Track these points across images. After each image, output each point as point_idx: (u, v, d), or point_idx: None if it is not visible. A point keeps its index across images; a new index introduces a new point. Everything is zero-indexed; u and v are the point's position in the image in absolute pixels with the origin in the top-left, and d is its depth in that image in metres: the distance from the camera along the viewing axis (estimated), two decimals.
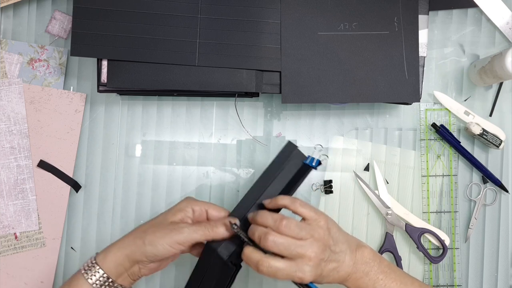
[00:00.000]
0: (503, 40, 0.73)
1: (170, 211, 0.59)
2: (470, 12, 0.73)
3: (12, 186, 0.69)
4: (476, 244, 0.73)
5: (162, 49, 0.64)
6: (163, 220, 0.57)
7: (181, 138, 0.72)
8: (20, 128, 0.69)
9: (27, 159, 0.69)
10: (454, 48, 0.73)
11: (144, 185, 0.72)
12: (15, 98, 0.69)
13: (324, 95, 0.65)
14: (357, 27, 0.65)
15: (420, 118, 0.73)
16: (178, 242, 0.54)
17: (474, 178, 0.73)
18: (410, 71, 0.65)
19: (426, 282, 0.72)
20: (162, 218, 0.58)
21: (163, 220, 0.57)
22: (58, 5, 0.71)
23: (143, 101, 0.72)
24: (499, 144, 0.70)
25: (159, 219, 0.58)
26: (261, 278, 0.72)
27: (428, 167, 0.72)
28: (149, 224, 0.58)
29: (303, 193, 0.72)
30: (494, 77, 0.67)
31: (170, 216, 0.57)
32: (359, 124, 0.73)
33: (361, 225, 0.72)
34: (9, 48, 0.70)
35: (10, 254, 0.69)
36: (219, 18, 0.65)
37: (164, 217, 0.58)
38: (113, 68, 0.64)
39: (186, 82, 0.65)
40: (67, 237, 0.71)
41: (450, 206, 0.72)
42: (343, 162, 0.72)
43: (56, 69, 0.71)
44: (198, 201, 0.59)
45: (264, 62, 0.65)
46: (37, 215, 0.70)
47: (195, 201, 0.59)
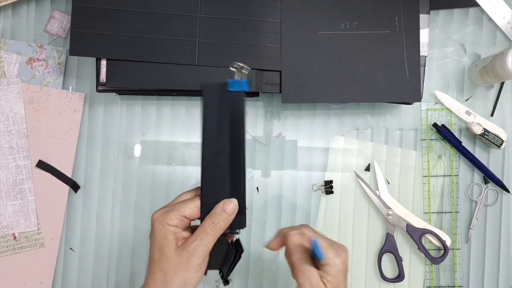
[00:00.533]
0: (504, 39, 0.73)
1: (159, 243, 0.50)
2: (471, 11, 0.73)
3: (11, 187, 0.69)
4: (477, 245, 0.72)
5: (161, 48, 0.64)
6: (166, 258, 0.49)
7: (181, 138, 0.72)
8: (18, 128, 0.69)
9: (26, 159, 0.69)
10: (455, 47, 0.73)
11: (143, 185, 0.71)
12: (13, 98, 0.69)
13: (324, 95, 0.65)
14: (358, 26, 0.65)
15: (421, 118, 0.72)
16: (203, 262, 0.49)
17: (475, 178, 0.73)
18: (411, 70, 0.65)
19: (427, 283, 0.72)
20: (162, 257, 0.49)
21: (165, 257, 0.49)
22: (57, 4, 0.71)
23: (142, 101, 0.72)
24: (500, 144, 0.70)
25: (161, 260, 0.49)
26: (261, 278, 0.71)
27: (429, 167, 0.72)
28: (160, 273, 0.49)
29: (304, 192, 0.72)
30: (496, 77, 0.67)
31: (167, 249, 0.49)
32: (359, 124, 0.72)
33: (361, 226, 0.72)
34: (8, 47, 0.70)
35: (9, 254, 0.69)
36: (219, 17, 0.64)
37: (162, 254, 0.49)
38: (112, 67, 0.64)
39: (185, 81, 0.64)
40: (66, 237, 0.71)
41: (451, 206, 0.72)
42: (344, 162, 0.72)
43: (55, 68, 0.70)
44: (169, 214, 0.50)
45: (264, 62, 0.65)
46: (36, 216, 0.69)
47: (167, 217, 0.50)
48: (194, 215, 0.50)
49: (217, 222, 0.49)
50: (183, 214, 0.50)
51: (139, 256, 0.71)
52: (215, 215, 0.49)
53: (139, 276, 0.71)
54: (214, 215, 0.49)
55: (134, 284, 0.71)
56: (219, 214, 0.49)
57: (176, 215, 0.50)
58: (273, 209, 0.71)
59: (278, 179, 0.72)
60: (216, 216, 0.49)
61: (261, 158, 0.71)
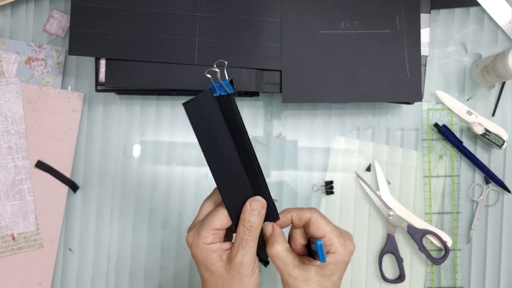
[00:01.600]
0: (506, 39, 0.73)
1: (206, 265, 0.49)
2: (472, 11, 0.73)
3: (10, 187, 0.68)
4: (479, 245, 0.72)
5: (161, 48, 0.63)
6: (218, 277, 0.49)
7: (180, 138, 0.71)
8: (17, 128, 0.69)
9: (25, 159, 0.69)
10: (456, 47, 0.73)
11: (143, 185, 0.71)
12: (12, 97, 0.69)
13: (325, 95, 0.64)
14: (359, 25, 0.65)
15: (422, 118, 0.72)
16: (254, 270, 0.49)
17: (476, 179, 0.72)
18: (412, 70, 0.65)
19: (428, 283, 0.71)
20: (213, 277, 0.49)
21: (217, 277, 0.49)
22: (56, 4, 0.71)
23: (142, 101, 0.71)
24: (501, 144, 0.70)
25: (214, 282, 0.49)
26: (261, 278, 0.71)
27: (430, 168, 0.72)
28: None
29: (305, 193, 0.71)
30: (497, 77, 0.67)
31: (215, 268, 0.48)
32: (360, 124, 0.72)
33: (362, 226, 0.71)
34: (7, 47, 0.69)
35: (8, 255, 0.69)
36: (219, 16, 0.64)
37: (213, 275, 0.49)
38: (111, 67, 0.64)
39: (185, 81, 0.64)
40: (65, 238, 0.70)
41: (452, 207, 0.72)
42: (345, 163, 0.72)
43: (54, 68, 0.70)
44: (202, 234, 0.49)
45: (264, 61, 0.64)
46: (34, 216, 0.69)
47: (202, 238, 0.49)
48: (225, 224, 0.49)
49: (251, 226, 0.48)
50: (214, 227, 0.48)
51: (139, 257, 0.71)
52: (245, 219, 0.48)
53: (138, 277, 0.71)
54: (245, 220, 0.48)
55: (133, 285, 0.71)
56: (249, 216, 0.48)
57: (209, 231, 0.48)
58: None
59: (278, 179, 0.71)
60: (247, 219, 0.48)
61: (261, 158, 0.71)
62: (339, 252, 0.49)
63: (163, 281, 0.71)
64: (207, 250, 0.48)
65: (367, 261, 0.71)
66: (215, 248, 0.48)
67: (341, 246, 0.49)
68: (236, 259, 0.48)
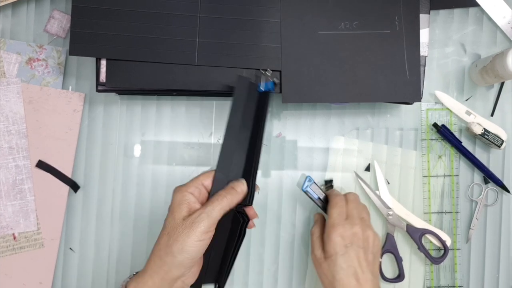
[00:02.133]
0: (505, 39, 0.73)
1: (173, 210, 0.54)
2: (471, 11, 0.73)
3: (11, 187, 0.69)
4: (478, 245, 0.72)
5: (161, 48, 0.64)
6: (174, 223, 0.53)
7: (181, 138, 0.72)
8: (18, 128, 0.69)
9: (26, 159, 0.69)
10: (455, 47, 0.73)
11: (143, 185, 0.71)
12: (13, 97, 0.69)
13: (324, 95, 0.65)
14: (358, 26, 0.65)
15: (421, 118, 0.72)
16: (205, 231, 0.51)
17: (475, 179, 0.73)
18: (411, 70, 0.65)
19: (427, 283, 0.72)
20: (171, 222, 0.53)
21: (174, 223, 0.53)
22: (56, 4, 0.71)
23: (142, 101, 0.72)
24: (500, 144, 0.70)
25: (170, 225, 0.53)
26: (261, 278, 0.71)
27: (429, 167, 0.72)
28: (165, 237, 0.52)
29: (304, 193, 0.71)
30: (496, 77, 0.67)
31: (178, 214, 0.53)
32: (360, 124, 0.72)
33: None
34: (8, 47, 0.70)
35: (9, 255, 0.69)
36: (219, 17, 0.64)
37: (173, 220, 0.53)
38: (112, 67, 0.64)
39: (185, 81, 0.64)
40: (66, 237, 0.71)
41: (452, 206, 0.72)
42: (344, 162, 0.72)
43: (54, 68, 0.70)
44: (189, 184, 0.55)
45: (264, 62, 0.64)
46: (35, 216, 0.69)
47: (186, 186, 0.55)
48: (210, 184, 0.56)
49: (223, 196, 0.54)
50: (201, 182, 0.55)
51: (139, 256, 0.71)
52: (223, 191, 0.55)
53: None
54: (222, 191, 0.55)
55: None
56: (228, 190, 0.55)
57: (194, 183, 0.55)
58: (273, 209, 0.71)
59: (278, 179, 0.72)
60: (225, 192, 0.55)
61: (261, 158, 0.71)
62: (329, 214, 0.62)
63: None
64: (184, 197, 0.54)
65: None
66: (190, 200, 0.54)
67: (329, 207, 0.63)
68: (194, 214, 0.52)
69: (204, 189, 0.56)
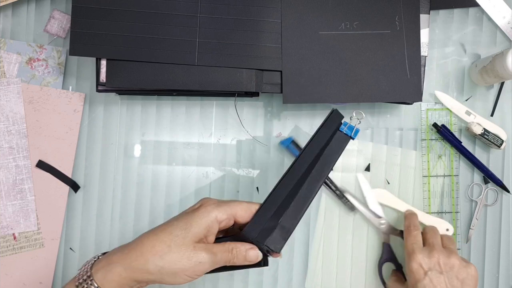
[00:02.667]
0: (505, 39, 0.73)
1: (192, 225, 0.48)
2: (471, 11, 0.73)
3: (11, 187, 0.69)
4: (477, 245, 0.72)
5: (161, 48, 0.64)
6: (184, 239, 0.48)
7: (181, 138, 0.72)
8: (18, 128, 0.69)
9: (26, 159, 0.69)
10: (455, 47, 0.73)
11: (144, 185, 0.71)
12: (13, 97, 0.69)
13: (325, 95, 0.65)
14: (358, 26, 0.65)
15: (421, 118, 0.72)
16: (200, 274, 0.49)
17: (475, 179, 0.73)
18: (412, 70, 0.65)
19: None
20: (181, 233, 0.48)
21: (184, 238, 0.48)
22: (57, 4, 0.71)
23: (142, 101, 0.72)
24: (500, 144, 0.70)
25: (179, 236, 0.48)
26: (261, 278, 0.71)
27: (429, 167, 0.72)
28: (166, 248, 0.48)
29: None
30: (496, 77, 0.67)
31: (192, 235, 0.48)
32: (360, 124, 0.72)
33: (362, 226, 0.72)
34: (8, 47, 0.70)
35: (9, 254, 0.69)
36: (219, 17, 0.64)
37: (185, 233, 0.48)
38: (112, 67, 0.64)
39: (185, 81, 0.64)
40: (66, 237, 0.71)
41: (451, 206, 0.72)
42: (344, 163, 0.72)
43: (54, 68, 0.70)
44: (222, 207, 0.50)
45: (264, 62, 0.64)
46: (35, 216, 0.69)
47: (219, 208, 0.50)
48: (243, 219, 0.51)
49: (231, 258, 0.50)
50: (235, 213, 0.50)
51: None
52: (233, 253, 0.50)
53: None
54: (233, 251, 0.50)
55: None
56: (238, 254, 0.50)
57: (228, 211, 0.50)
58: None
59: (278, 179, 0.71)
60: (235, 253, 0.50)
61: (261, 158, 0.71)
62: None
63: None
64: (208, 220, 0.49)
65: (366, 259, 0.72)
66: (213, 227, 0.49)
67: None
68: (204, 253, 0.48)
69: (232, 221, 0.51)
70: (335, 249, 0.71)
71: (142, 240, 0.49)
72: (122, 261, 0.48)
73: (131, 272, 0.47)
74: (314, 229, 0.71)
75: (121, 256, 0.48)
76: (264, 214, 0.51)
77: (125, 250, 0.48)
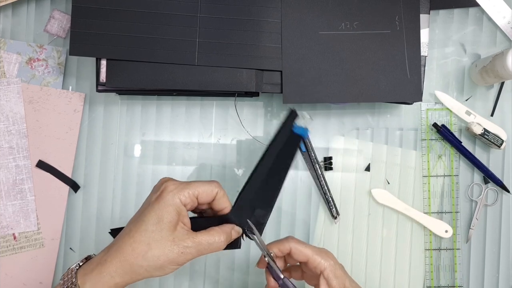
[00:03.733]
0: (505, 39, 0.73)
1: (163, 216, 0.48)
2: (471, 11, 0.73)
3: (11, 187, 0.69)
4: (478, 245, 0.72)
5: (161, 48, 0.64)
6: (161, 232, 0.48)
7: (181, 138, 0.72)
8: (18, 128, 0.69)
9: (26, 159, 0.69)
10: (455, 47, 0.73)
11: (144, 185, 0.71)
12: (13, 97, 0.69)
13: (325, 95, 0.65)
14: (358, 26, 0.65)
15: (421, 118, 0.72)
16: (186, 261, 0.49)
17: (475, 178, 0.73)
18: (412, 70, 0.65)
19: (427, 282, 0.72)
20: (156, 228, 0.48)
21: (160, 231, 0.48)
22: (57, 4, 0.71)
23: (142, 101, 0.72)
24: (500, 144, 0.70)
25: (154, 231, 0.48)
26: (261, 278, 0.71)
27: (429, 167, 0.72)
28: (145, 246, 0.47)
29: (304, 192, 0.71)
30: (496, 77, 0.67)
31: (167, 226, 0.48)
32: (360, 124, 0.72)
33: (361, 226, 0.72)
34: (8, 47, 0.70)
35: (9, 254, 0.69)
36: (219, 17, 0.64)
37: (159, 227, 0.48)
38: (112, 67, 0.64)
39: (185, 81, 0.64)
40: (66, 237, 0.71)
41: (451, 206, 0.72)
42: (344, 163, 0.72)
43: (54, 68, 0.70)
44: (185, 190, 0.50)
45: (264, 62, 0.64)
46: (35, 216, 0.69)
47: (182, 192, 0.49)
48: (207, 199, 0.51)
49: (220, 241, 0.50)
50: (197, 194, 0.50)
51: None
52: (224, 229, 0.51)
53: None
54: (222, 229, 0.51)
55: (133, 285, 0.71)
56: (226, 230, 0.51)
57: (191, 194, 0.50)
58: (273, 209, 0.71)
59: None
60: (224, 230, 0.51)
61: None
62: (327, 267, 0.54)
63: (163, 280, 0.71)
64: (176, 207, 0.49)
65: (366, 260, 0.72)
66: (182, 211, 0.49)
67: (325, 261, 0.54)
68: (189, 242, 0.48)
69: (196, 203, 0.51)
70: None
71: (120, 245, 0.48)
72: (107, 269, 0.47)
73: (119, 278, 0.47)
74: (315, 227, 0.71)
75: (105, 265, 0.48)
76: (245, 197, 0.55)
77: (107, 259, 0.48)
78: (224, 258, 0.71)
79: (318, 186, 0.70)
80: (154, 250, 0.47)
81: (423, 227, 0.71)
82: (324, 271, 0.54)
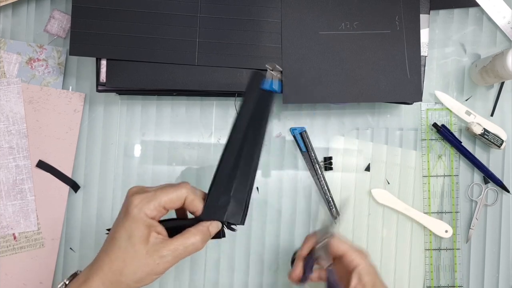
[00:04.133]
0: (504, 39, 0.73)
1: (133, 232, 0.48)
2: (471, 11, 0.73)
3: (11, 187, 0.69)
4: (477, 245, 0.72)
5: (161, 48, 0.64)
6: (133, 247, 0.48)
7: (181, 138, 0.72)
8: (18, 128, 0.69)
9: (26, 159, 0.69)
10: (455, 47, 0.73)
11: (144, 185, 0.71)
12: (13, 97, 0.69)
13: (325, 95, 0.65)
14: (358, 26, 0.65)
15: (421, 118, 0.72)
16: (165, 270, 0.49)
17: (475, 178, 0.73)
18: (412, 70, 0.65)
19: (427, 282, 0.72)
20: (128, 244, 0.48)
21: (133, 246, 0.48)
22: (57, 4, 0.71)
23: (142, 101, 0.72)
24: (500, 144, 0.70)
25: (127, 247, 0.48)
26: (261, 278, 0.71)
27: (429, 167, 0.72)
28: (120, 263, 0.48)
29: (304, 192, 0.71)
30: (496, 77, 0.67)
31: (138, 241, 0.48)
32: (360, 124, 0.72)
33: (361, 226, 0.72)
34: (8, 47, 0.70)
35: (9, 254, 0.69)
36: (219, 17, 0.64)
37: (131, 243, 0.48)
38: (112, 67, 0.64)
39: (185, 81, 0.64)
40: (66, 237, 0.71)
41: (451, 206, 0.72)
42: (344, 163, 0.72)
43: (55, 68, 0.70)
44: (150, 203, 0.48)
45: (264, 62, 0.64)
46: (36, 216, 0.69)
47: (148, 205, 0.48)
48: (175, 206, 0.50)
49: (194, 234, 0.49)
50: (163, 205, 0.49)
51: None
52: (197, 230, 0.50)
53: None
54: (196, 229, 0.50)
55: None
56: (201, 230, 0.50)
57: (157, 206, 0.49)
58: (273, 209, 0.71)
59: (278, 179, 0.72)
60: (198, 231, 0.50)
61: (261, 158, 0.71)
62: (362, 263, 0.56)
63: (163, 280, 0.71)
64: (144, 222, 0.48)
65: None
66: (151, 224, 0.48)
67: (360, 258, 0.56)
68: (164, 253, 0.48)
69: (163, 212, 0.50)
70: None
71: (100, 264, 0.49)
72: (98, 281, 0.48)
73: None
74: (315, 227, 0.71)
75: (89, 283, 0.48)
76: (215, 194, 0.51)
77: (90, 277, 0.48)
78: (224, 258, 0.71)
79: (318, 186, 0.71)
80: (130, 266, 0.47)
81: (423, 227, 0.72)
82: (357, 267, 0.55)
